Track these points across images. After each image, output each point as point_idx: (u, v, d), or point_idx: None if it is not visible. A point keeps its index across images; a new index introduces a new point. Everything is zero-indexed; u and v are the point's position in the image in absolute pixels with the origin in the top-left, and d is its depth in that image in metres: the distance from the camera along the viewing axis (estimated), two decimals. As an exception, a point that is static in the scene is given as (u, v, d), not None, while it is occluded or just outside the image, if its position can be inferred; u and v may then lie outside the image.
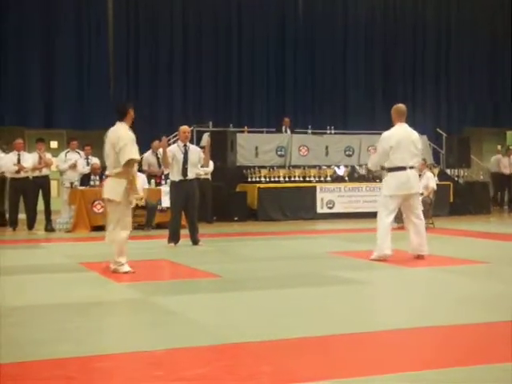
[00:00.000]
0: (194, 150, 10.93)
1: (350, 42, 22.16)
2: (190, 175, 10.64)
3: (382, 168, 9.26)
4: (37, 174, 14.08)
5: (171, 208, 11.06)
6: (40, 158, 14.18)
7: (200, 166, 11.31)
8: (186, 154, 10.63)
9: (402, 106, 9.26)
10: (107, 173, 8.14)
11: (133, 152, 7.84)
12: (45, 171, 14.34)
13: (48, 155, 14.56)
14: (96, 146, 16.51)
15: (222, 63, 20.79)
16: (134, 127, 8.34)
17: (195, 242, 10.76)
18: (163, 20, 20.12)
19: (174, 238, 10.71)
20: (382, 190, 9.01)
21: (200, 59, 20.47)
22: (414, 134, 9.12)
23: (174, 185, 10.77)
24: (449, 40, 23.32)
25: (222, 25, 20.82)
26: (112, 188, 7.88)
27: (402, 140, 8.83)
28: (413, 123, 22.03)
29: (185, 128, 10.94)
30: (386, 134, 9.00)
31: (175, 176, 10.68)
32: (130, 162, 7.81)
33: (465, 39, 23.40)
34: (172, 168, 10.75)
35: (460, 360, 4.15)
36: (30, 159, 14.05)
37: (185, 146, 10.74)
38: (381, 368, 3.98)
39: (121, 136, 7.87)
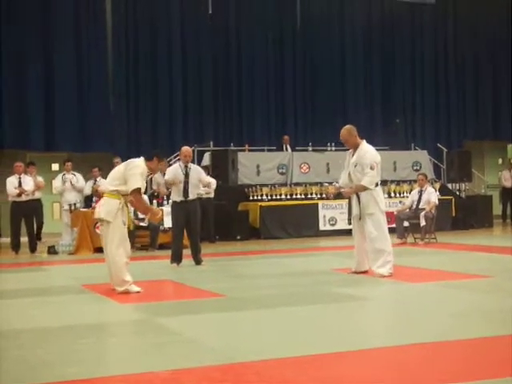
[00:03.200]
0: (195, 170, 10.93)
1: (348, 59, 22.25)
2: (191, 196, 10.65)
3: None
4: (30, 197, 14.12)
5: (173, 228, 11.02)
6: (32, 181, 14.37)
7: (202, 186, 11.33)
8: (186, 174, 10.64)
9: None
10: (103, 191, 8.16)
11: (139, 183, 7.85)
12: (37, 194, 14.46)
13: (39, 178, 14.70)
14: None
15: (221, 82, 20.87)
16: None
17: (198, 262, 10.76)
18: (162, 40, 20.20)
19: (177, 258, 10.69)
20: (373, 208, 8.72)
21: (200, 78, 20.54)
22: None
23: (175, 205, 10.77)
24: (447, 53, 23.39)
25: (221, 44, 20.91)
26: (105, 208, 7.89)
27: None
28: (413, 138, 22.25)
29: (186, 150, 10.94)
30: (374, 149, 9.05)
31: (176, 196, 10.70)
32: (135, 191, 7.83)
33: (464, 52, 23.48)
34: (173, 188, 10.79)
35: (461, 375, 4.15)
36: (30, 182, 14.12)
37: (186, 166, 10.76)
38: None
39: (137, 165, 7.95)
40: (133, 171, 7.86)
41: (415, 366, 4.41)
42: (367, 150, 8.86)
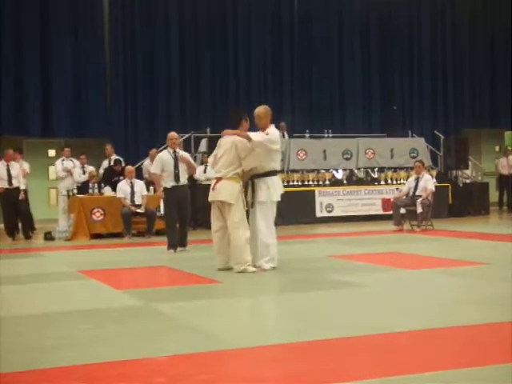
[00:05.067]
0: (183, 155, 11.18)
1: (346, 45, 22.18)
2: (182, 180, 10.92)
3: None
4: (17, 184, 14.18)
5: (165, 215, 11.25)
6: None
7: (188, 175, 11.46)
8: (176, 159, 10.87)
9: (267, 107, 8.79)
10: (219, 175, 8.35)
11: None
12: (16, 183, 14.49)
13: (24, 165, 14.83)
14: (93, 155, 16.60)
15: (218, 68, 20.79)
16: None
17: (184, 245, 11.05)
18: (159, 27, 20.11)
19: (174, 244, 10.85)
20: (265, 196, 8.36)
21: (197, 65, 20.48)
22: None
23: (166, 191, 10.93)
24: (445, 40, 23.34)
25: (218, 30, 20.83)
26: (226, 190, 8.16)
27: None
28: (410, 125, 22.20)
29: (172, 135, 11.22)
30: (277, 132, 8.70)
31: (168, 182, 10.86)
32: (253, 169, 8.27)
33: (462, 39, 23.44)
34: (163, 174, 10.91)
35: (458, 362, 4.17)
36: (17, 169, 14.21)
37: (174, 151, 10.99)
38: (385, 370, 3.99)
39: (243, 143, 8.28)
40: (246, 151, 8.25)
41: (411, 353, 4.43)
42: (273, 131, 8.49)
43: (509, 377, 3.77)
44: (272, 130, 8.49)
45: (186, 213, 11.06)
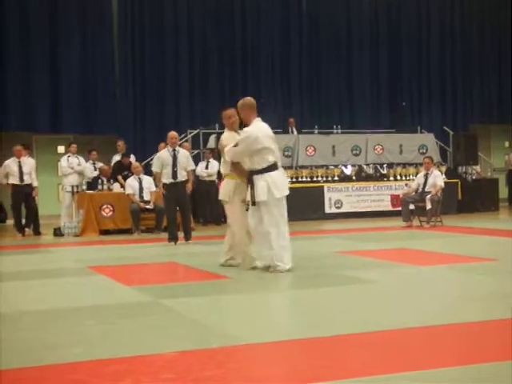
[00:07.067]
0: (182, 153, 11.69)
1: (354, 41, 22.16)
2: (180, 177, 11.47)
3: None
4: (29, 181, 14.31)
5: (165, 209, 11.92)
6: None
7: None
8: (174, 157, 11.44)
9: (251, 98, 8.12)
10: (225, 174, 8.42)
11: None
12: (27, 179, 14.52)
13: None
14: (102, 151, 16.63)
15: (227, 64, 20.80)
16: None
17: (188, 238, 11.69)
18: (168, 24, 20.14)
19: (174, 237, 11.51)
20: (265, 195, 7.63)
21: (205, 60, 20.49)
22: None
23: (165, 187, 11.47)
24: (454, 36, 23.27)
25: (227, 26, 20.84)
26: (223, 189, 8.28)
27: (270, 138, 7.79)
28: (420, 121, 22.15)
29: (172, 134, 11.85)
30: (253, 132, 7.76)
31: (165, 179, 11.42)
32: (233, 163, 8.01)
33: (470, 35, 23.36)
34: (163, 172, 11.46)
35: (461, 359, 4.15)
36: (29, 166, 14.29)
37: (174, 150, 11.56)
38: (392, 367, 3.97)
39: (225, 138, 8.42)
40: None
41: (417, 350, 4.41)
42: (247, 134, 7.82)
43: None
44: (248, 129, 7.84)
45: (186, 208, 11.71)
